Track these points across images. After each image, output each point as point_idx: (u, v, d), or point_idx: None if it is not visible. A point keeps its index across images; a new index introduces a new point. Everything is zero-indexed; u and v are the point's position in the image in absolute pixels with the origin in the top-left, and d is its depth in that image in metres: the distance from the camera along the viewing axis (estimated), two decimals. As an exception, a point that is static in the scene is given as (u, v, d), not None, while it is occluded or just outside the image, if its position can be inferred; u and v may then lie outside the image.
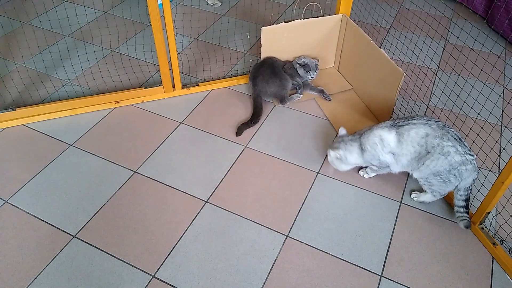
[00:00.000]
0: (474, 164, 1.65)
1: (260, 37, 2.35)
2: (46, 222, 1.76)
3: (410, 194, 1.89)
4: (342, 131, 1.92)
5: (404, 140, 1.70)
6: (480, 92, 2.21)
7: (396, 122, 1.75)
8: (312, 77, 2.36)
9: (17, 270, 1.60)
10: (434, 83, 2.54)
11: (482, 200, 1.71)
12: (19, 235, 1.71)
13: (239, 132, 2.15)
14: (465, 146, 1.64)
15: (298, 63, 2.35)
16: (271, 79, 2.27)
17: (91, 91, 2.40)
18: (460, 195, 1.71)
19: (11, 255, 1.64)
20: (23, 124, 2.18)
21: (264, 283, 1.59)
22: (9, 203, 1.82)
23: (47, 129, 2.16)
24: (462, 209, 1.73)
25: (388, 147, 1.74)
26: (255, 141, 2.14)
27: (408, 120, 1.71)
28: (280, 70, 2.33)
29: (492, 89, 2.15)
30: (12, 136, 2.12)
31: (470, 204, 1.75)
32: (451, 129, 1.66)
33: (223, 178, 1.96)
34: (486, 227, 1.76)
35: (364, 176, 1.97)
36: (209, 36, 2.87)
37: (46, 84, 2.43)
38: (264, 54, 2.40)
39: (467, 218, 1.72)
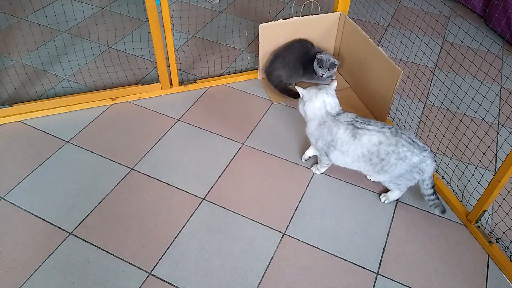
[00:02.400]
0: (431, 157, 1.68)
1: (258, 34, 2.34)
2: (42, 219, 1.75)
3: (380, 198, 1.88)
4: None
5: (354, 143, 1.70)
6: (477, 91, 2.21)
7: (355, 119, 1.72)
8: (322, 75, 2.33)
9: (13, 267, 1.59)
10: (431, 81, 2.54)
11: (478, 198, 1.72)
12: (15, 232, 1.70)
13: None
14: (419, 145, 1.66)
15: (317, 57, 2.34)
16: (289, 65, 2.32)
17: (88, 87, 2.39)
18: (427, 185, 1.73)
19: (7, 252, 1.64)
20: (19, 121, 2.17)
21: (260, 281, 1.59)
22: (5, 200, 1.82)
23: (43, 126, 2.15)
24: (432, 197, 1.75)
25: (338, 140, 1.73)
26: (252, 139, 2.14)
27: (365, 123, 1.70)
28: (299, 59, 2.35)
29: (490, 88, 2.16)
30: (8, 132, 2.11)
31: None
32: (404, 134, 1.67)
33: (220, 176, 1.95)
34: (482, 225, 1.77)
35: (316, 172, 1.98)
36: (207, 33, 2.86)
37: (42, 80, 2.42)
38: (262, 51, 2.40)
39: (440, 203, 1.75)
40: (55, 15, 2.88)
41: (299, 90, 1.79)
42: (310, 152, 1.98)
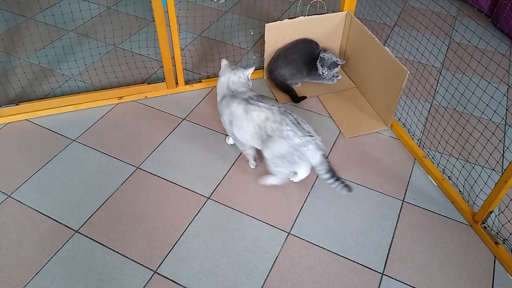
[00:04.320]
0: (316, 144, 1.67)
1: (264, 34, 2.34)
2: (49, 217, 1.76)
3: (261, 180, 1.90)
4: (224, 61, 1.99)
5: (246, 118, 1.75)
6: (484, 91, 2.19)
7: (252, 97, 1.78)
8: (323, 73, 2.34)
9: (19, 265, 1.61)
10: (438, 81, 2.53)
11: (485, 199, 1.71)
12: (21, 230, 1.72)
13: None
14: (304, 129, 1.68)
15: (320, 55, 2.34)
16: (291, 64, 2.33)
17: (94, 86, 2.40)
18: (320, 170, 1.72)
19: (13, 250, 1.65)
20: (26, 119, 2.19)
21: (265, 280, 1.59)
22: (12, 198, 1.83)
23: (50, 124, 2.16)
24: (331, 180, 1.72)
25: (234, 115, 1.79)
26: (258, 138, 2.14)
27: (258, 101, 1.76)
28: (302, 58, 2.35)
29: (497, 88, 2.14)
30: (15, 130, 2.13)
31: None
32: (292, 114, 1.70)
33: (225, 175, 1.96)
34: (488, 226, 1.76)
35: (227, 142, 2.06)
36: (212, 32, 2.86)
37: (49, 79, 2.43)
38: (268, 50, 2.40)
39: (343, 183, 1.72)
40: (62, 15, 2.90)
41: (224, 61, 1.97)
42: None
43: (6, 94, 2.31)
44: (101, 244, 1.68)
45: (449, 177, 1.97)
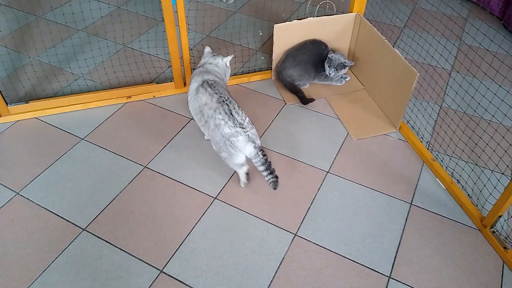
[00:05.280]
0: (246, 135, 1.70)
1: (273, 35, 2.34)
2: (57, 215, 1.77)
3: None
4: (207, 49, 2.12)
5: (194, 97, 1.86)
6: (495, 94, 2.17)
7: (212, 82, 1.85)
8: (330, 74, 2.33)
9: (27, 262, 1.62)
10: (448, 83, 2.51)
11: (494, 203, 1.69)
12: (29, 227, 1.73)
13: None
14: (237, 120, 1.71)
15: (328, 55, 2.34)
16: (299, 65, 2.33)
17: (103, 85, 2.41)
18: (255, 163, 1.75)
19: (21, 247, 1.66)
20: (35, 117, 2.20)
21: (271, 281, 1.59)
22: (20, 195, 1.84)
23: (59, 123, 2.18)
24: (265, 173, 1.76)
25: (190, 89, 1.92)
26: (265, 139, 2.13)
27: (210, 85, 1.83)
28: (311, 59, 2.35)
29: (508, 92, 2.12)
30: (24, 128, 2.15)
31: (271, 167, 1.76)
32: (229, 105, 1.74)
33: (232, 175, 1.95)
34: (497, 230, 1.74)
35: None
36: (221, 32, 2.87)
37: (59, 78, 2.45)
38: (276, 51, 2.39)
39: (272, 179, 1.76)
40: (73, 14, 2.92)
41: (207, 49, 2.10)
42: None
43: (16, 92, 2.33)
44: (108, 242, 1.69)
45: (458, 180, 1.95)
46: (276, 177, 1.76)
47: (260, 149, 1.73)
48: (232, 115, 1.72)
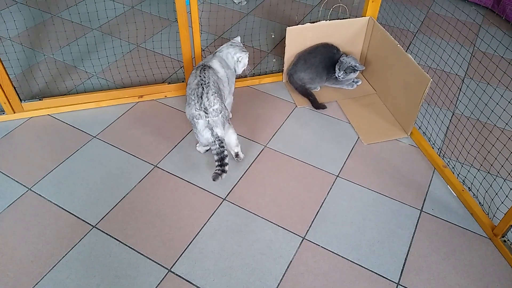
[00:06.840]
0: (206, 121, 1.80)
1: (285, 37, 2.34)
2: (67, 211, 1.79)
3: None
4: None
5: (192, 73, 1.94)
6: (509, 102, 2.15)
7: (208, 65, 1.94)
8: (339, 76, 2.32)
9: (37, 257, 1.64)
10: (461, 90, 2.49)
11: (506, 212, 1.67)
12: (40, 223, 1.75)
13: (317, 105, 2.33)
14: (203, 104, 1.80)
15: (340, 59, 2.34)
16: (311, 68, 2.33)
17: (115, 84, 2.44)
18: (212, 151, 1.84)
19: (32, 242, 1.68)
20: (48, 114, 2.23)
21: (278, 284, 1.58)
22: (32, 191, 1.87)
23: (72, 120, 2.20)
24: (216, 163, 1.84)
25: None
26: (275, 141, 2.13)
27: (203, 69, 1.89)
28: (322, 62, 2.35)
29: (522, 99, 2.10)
30: (37, 125, 2.17)
31: (225, 163, 1.83)
32: (204, 89, 1.81)
33: (241, 177, 1.96)
34: (508, 240, 1.72)
35: None
36: (233, 34, 2.87)
37: (72, 76, 2.48)
38: (288, 54, 2.40)
39: (217, 171, 1.82)
40: (87, 13, 2.95)
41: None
42: None
43: (30, 89, 2.36)
44: (117, 240, 1.70)
45: (469, 188, 1.93)
46: (223, 171, 1.82)
47: (219, 138, 1.81)
48: (201, 98, 1.81)
